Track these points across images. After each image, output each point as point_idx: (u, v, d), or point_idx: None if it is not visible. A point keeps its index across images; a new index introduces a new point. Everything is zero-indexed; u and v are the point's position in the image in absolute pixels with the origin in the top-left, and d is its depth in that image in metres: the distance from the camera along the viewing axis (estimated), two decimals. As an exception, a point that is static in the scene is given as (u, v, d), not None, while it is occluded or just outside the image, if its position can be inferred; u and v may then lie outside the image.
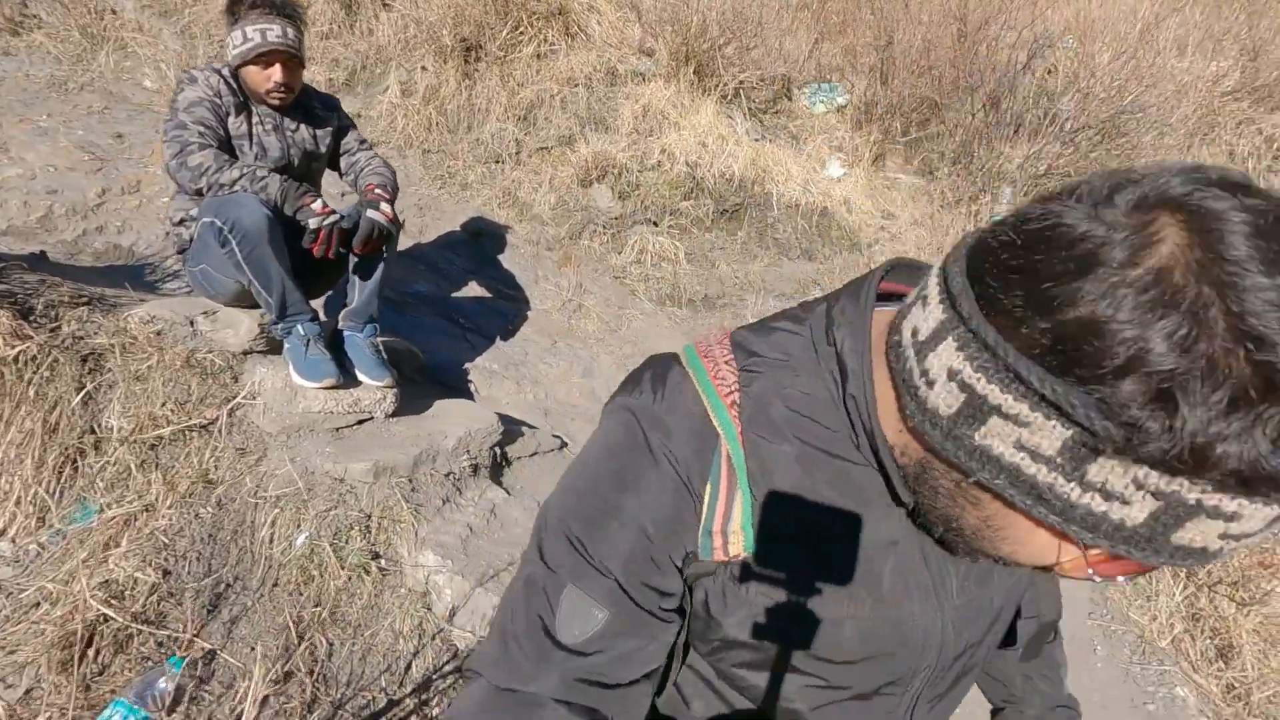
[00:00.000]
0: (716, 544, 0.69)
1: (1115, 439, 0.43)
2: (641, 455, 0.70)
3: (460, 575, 2.57)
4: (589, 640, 0.68)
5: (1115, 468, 0.44)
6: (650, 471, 0.70)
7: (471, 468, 3.09)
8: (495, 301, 4.69)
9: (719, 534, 0.69)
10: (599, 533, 0.70)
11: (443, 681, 2.45)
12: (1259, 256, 0.39)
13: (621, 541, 0.69)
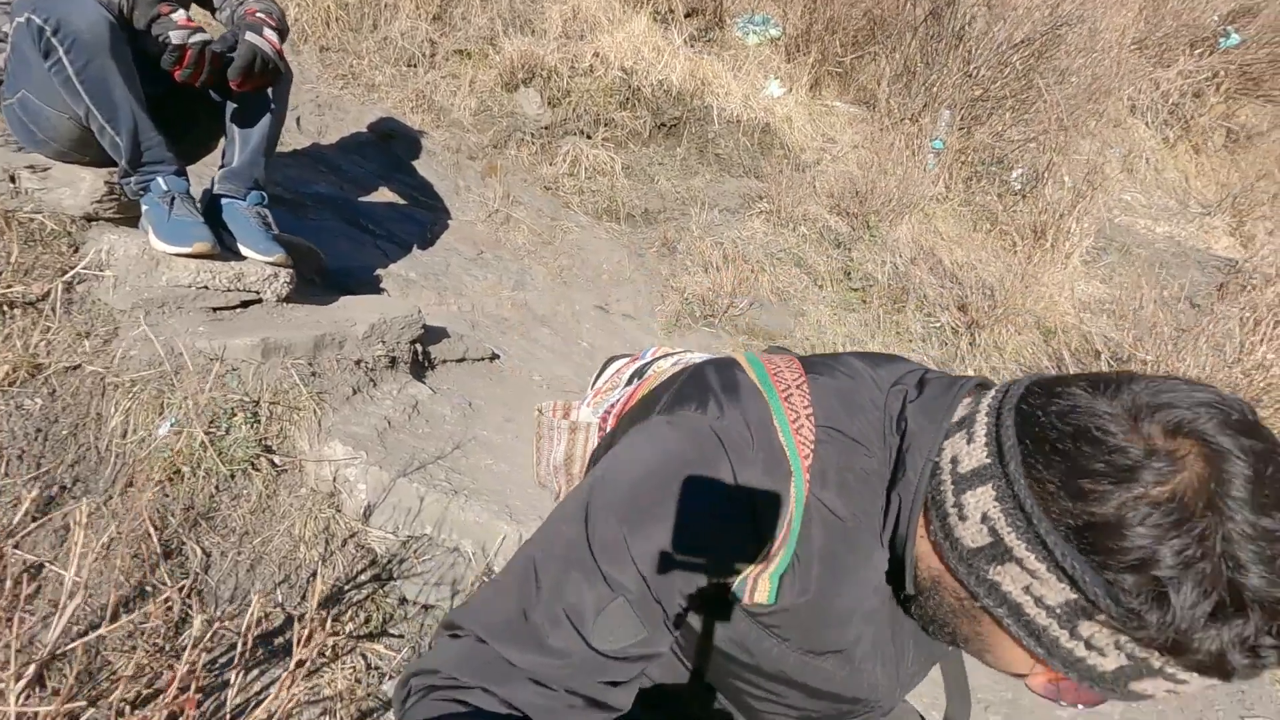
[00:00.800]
0: (749, 587, 0.72)
1: (1113, 615, 0.52)
2: (709, 470, 0.69)
3: (378, 467, 2.10)
4: (622, 649, 0.67)
5: (1103, 631, 0.54)
6: (727, 502, 0.69)
7: (388, 359, 2.59)
8: (410, 209, 4.14)
9: (752, 579, 0.71)
10: (661, 555, 0.67)
11: (358, 593, 1.98)
12: (1250, 499, 0.49)
13: (681, 573, 0.68)
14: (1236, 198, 7.41)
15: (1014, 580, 0.57)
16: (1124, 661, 0.54)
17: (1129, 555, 0.50)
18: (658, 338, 4.03)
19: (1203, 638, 0.49)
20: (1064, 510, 0.53)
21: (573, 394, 3.45)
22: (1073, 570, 0.53)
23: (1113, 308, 4.80)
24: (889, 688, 0.80)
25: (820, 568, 0.70)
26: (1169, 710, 2.18)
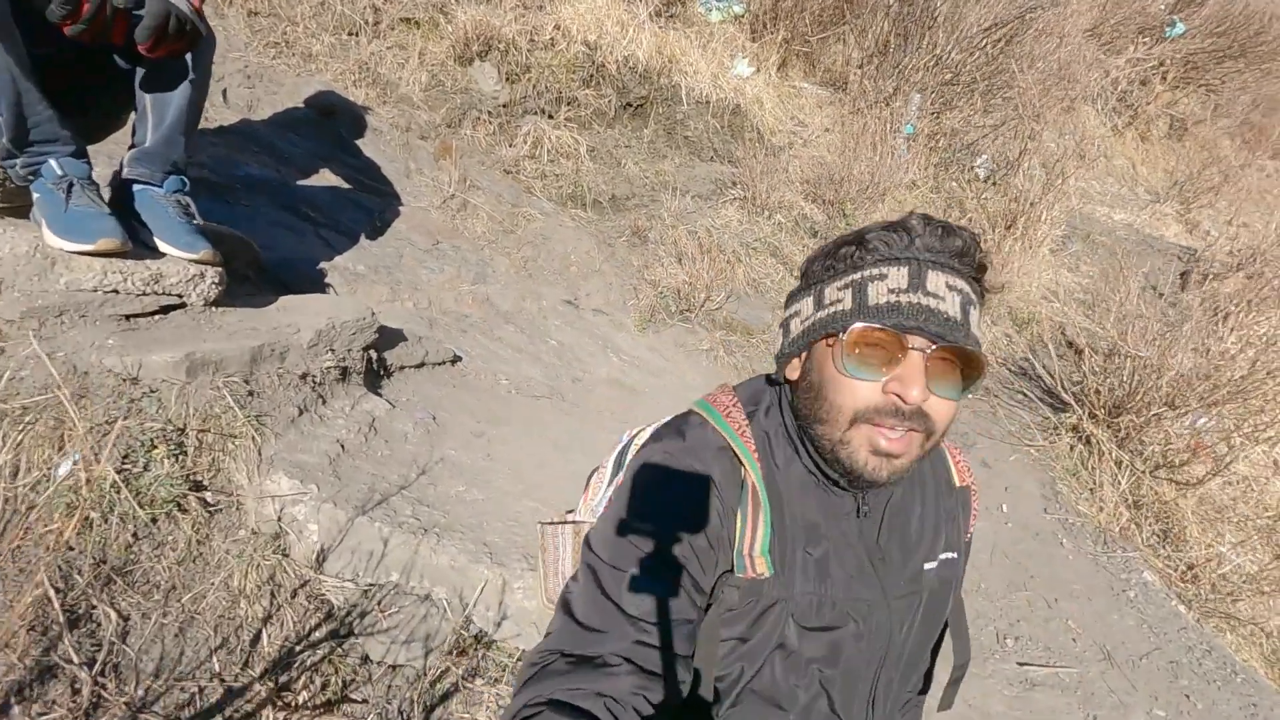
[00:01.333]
0: (747, 564, 0.91)
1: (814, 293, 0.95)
2: (683, 476, 0.92)
3: (331, 503, 1.80)
4: (649, 611, 0.84)
5: (825, 292, 0.92)
6: (692, 488, 0.91)
7: (339, 371, 2.27)
8: (356, 194, 3.75)
9: (747, 555, 0.91)
10: (654, 533, 0.88)
11: (312, 654, 1.69)
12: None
13: (672, 543, 0.88)
14: (1182, 186, 7.59)
15: (794, 323, 0.97)
16: (849, 295, 0.88)
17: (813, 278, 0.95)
18: (631, 334, 3.78)
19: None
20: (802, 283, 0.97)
21: (543, 397, 3.19)
22: (808, 293, 0.95)
23: (1082, 296, 4.79)
24: (880, 607, 0.95)
25: (801, 524, 0.93)
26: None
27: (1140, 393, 3.25)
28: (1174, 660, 2.39)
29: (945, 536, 1.02)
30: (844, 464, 0.88)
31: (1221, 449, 3.37)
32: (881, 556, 0.96)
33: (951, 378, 0.84)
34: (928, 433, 0.85)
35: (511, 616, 1.75)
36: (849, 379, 0.86)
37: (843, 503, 0.95)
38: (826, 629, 0.92)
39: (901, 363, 0.83)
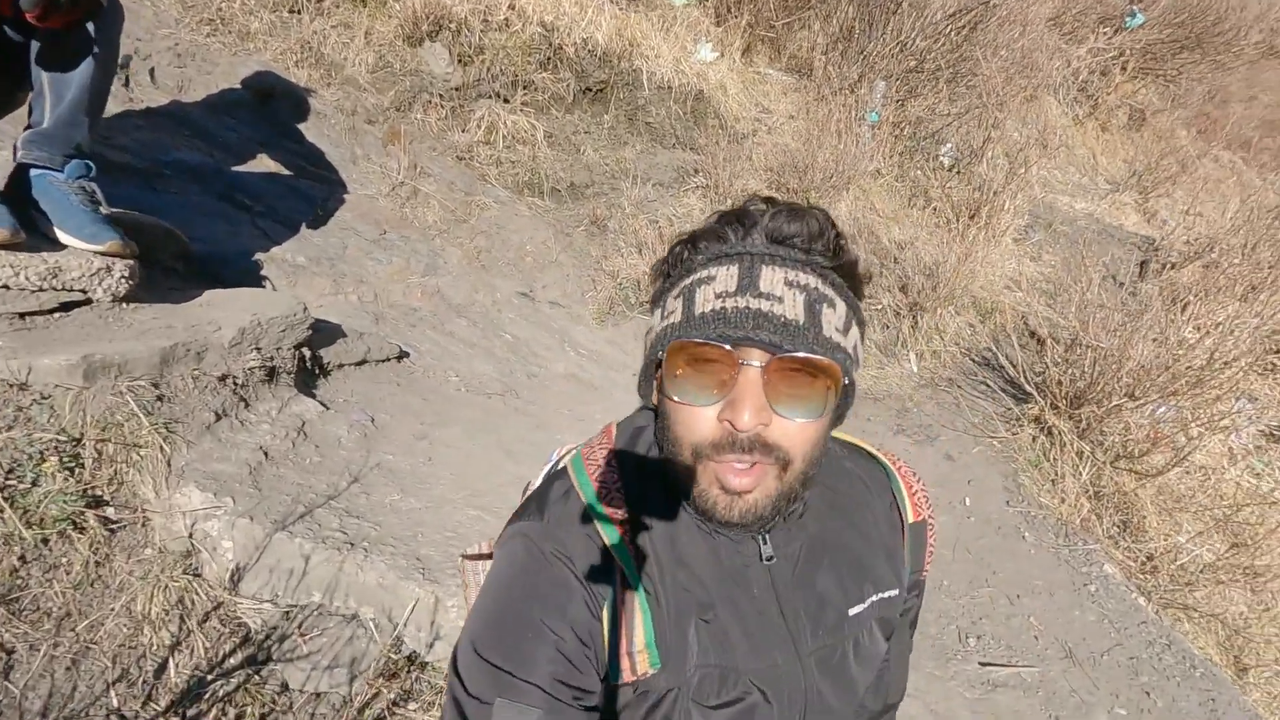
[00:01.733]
0: (624, 666, 0.76)
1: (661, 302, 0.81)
2: (541, 568, 0.77)
3: (249, 518, 1.65)
4: None
5: (665, 301, 0.79)
6: (554, 584, 0.76)
7: (265, 371, 2.11)
8: (297, 181, 3.55)
9: (625, 656, 0.76)
10: (516, 650, 0.73)
11: (225, 684, 1.55)
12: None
13: (539, 651, 0.73)
14: (1140, 176, 7.69)
15: (653, 325, 0.81)
16: (680, 305, 0.75)
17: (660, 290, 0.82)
18: (589, 327, 3.66)
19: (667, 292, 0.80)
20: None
21: (496, 394, 3.05)
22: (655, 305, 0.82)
23: (1044, 286, 4.79)
24: (792, 667, 0.81)
25: (688, 601, 0.78)
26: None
27: (1101, 383, 3.24)
28: (1134, 656, 2.37)
29: (883, 574, 0.88)
30: (698, 504, 0.76)
31: (1180, 439, 3.38)
32: (795, 607, 0.82)
33: (802, 394, 0.71)
34: (782, 463, 0.72)
35: (445, 636, 1.63)
36: (680, 405, 0.73)
37: (742, 550, 0.81)
38: (731, 703, 0.79)
39: (735, 382, 0.70)
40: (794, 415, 0.71)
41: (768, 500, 0.73)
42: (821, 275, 0.73)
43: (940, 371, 4.05)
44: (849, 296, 0.76)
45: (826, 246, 0.73)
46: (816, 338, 0.70)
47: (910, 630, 0.99)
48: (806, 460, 0.74)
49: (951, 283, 4.22)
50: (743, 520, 0.74)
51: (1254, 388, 3.98)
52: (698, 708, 0.78)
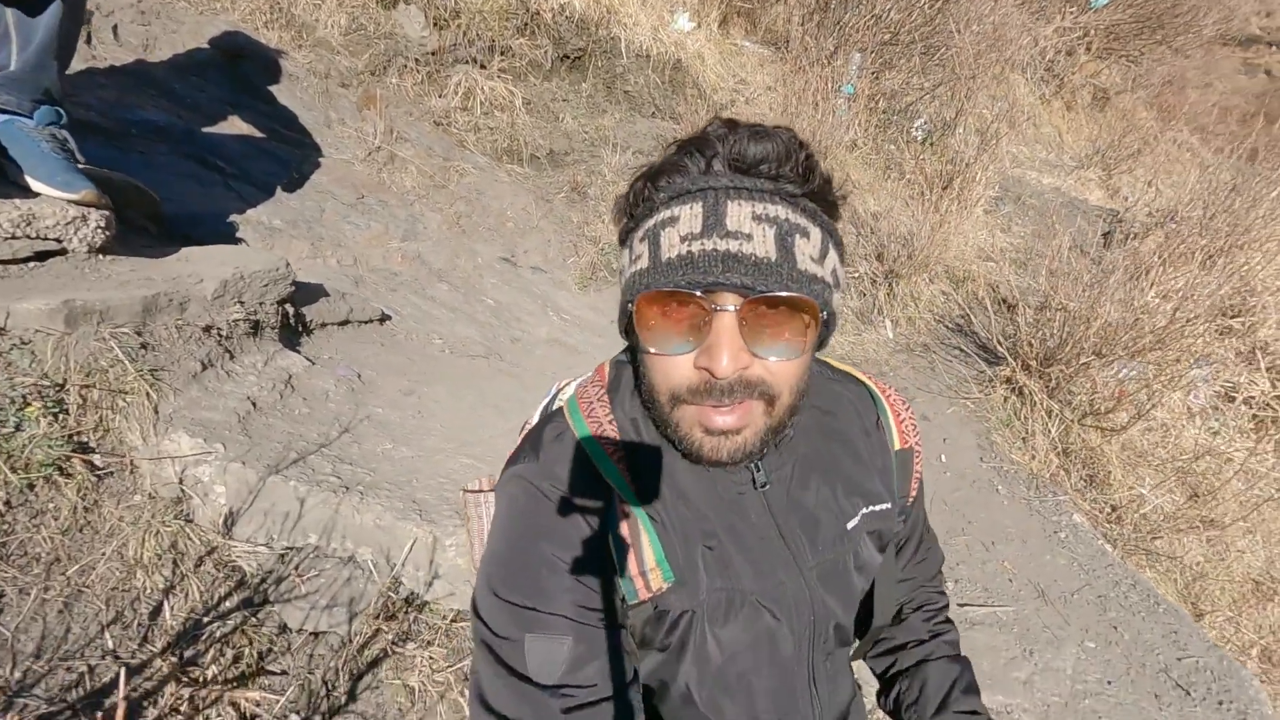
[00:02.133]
0: (639, 585, 0.78)
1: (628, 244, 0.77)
2: (543, 505, 0.78)
3: (241, 463, 1.64)
4: (567, 671, 0.72)
5: (633, 243, 0.75)
6: (557, 516, 0.77)
7: (249, 324, 2.08)
8: (270, 144, 3.47)
9: (638, 576, 0.77)
10: (534, 587, 0.74)
11: (221, 626, 1.54)
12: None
13: (556, 583, 0.74)
14: (1104, 153, 7.89)
15: (624, 268, 0.77)
16: (648, 239, 0.71)
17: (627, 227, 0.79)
18: (572, 292, 3.66)
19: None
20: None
21: (480, 357, 3.04)
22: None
23: (1014, 256, 4.91)
24: (796, 584, 0.83)
25: (692, 524, 0.79)
26: (1114, 658, 2.19)
27: (1070, 343, 3.35)
28: (1102, 595, 2.48)
29: (874, 488, 0.89)
30: (681, 447, 0.75)
31: (1142, 397, 3.52)
32: (792, 527, 0.83)
33: (781, 333, 0.68)
34: (767, 398, 0.71)
35: (444, 575, 1.64)
36: (655, 356, 0.72)
37: (735, 479, 0.81)
38: (742, 623, 0.81)
39: (710, 328, 0.67)
40: (773, 355, 0.69)
41: (757, 437, 0.73)
42: (792, 203, 0.69)
43: (915, 337, 4.14)
44: (823, 220, 0.72)
45: (795, 170, 0.69)
46: (791, 273, 0.67)
47: (923, 538, 1.03)
48: (793, 393, 0.74)
49: (926, 252, 4.31)
50: (732, 459, 0.73)
51: (1211, 350, 4.15)
52: (711, 629, 0.80)
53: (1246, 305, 4.37)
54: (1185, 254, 4.56)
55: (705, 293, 0.66)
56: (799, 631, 0.84)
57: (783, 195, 0.69)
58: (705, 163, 0.69)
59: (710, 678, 0.82)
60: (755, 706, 0.84)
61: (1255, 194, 4.92)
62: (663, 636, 0.81)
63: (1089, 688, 2.08)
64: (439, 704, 1.59)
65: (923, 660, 0.98)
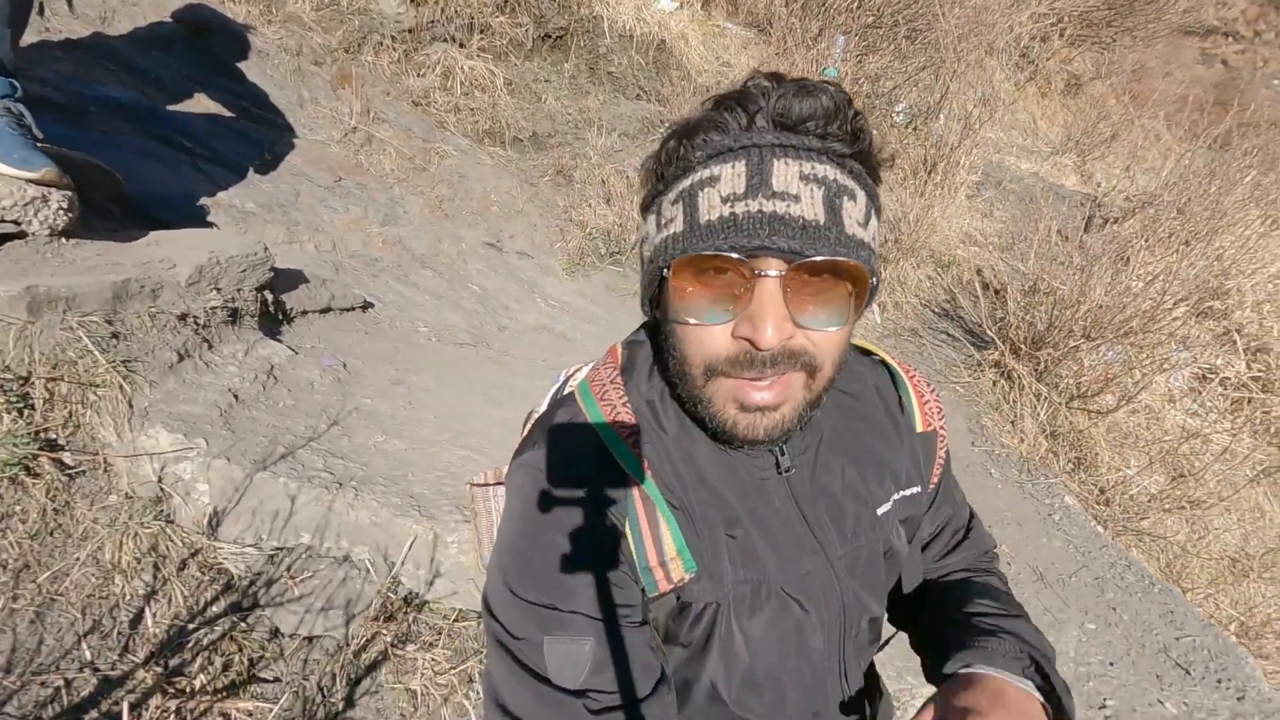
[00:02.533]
0: (659, 577, 0.72)
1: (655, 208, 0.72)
2: (556, 496, 0.72)
3: (225, 459, 1.54)
4: (590, 674, 0.67)
5: (663, 207, 0.69)
6: (571, 507, 0.71)
7: (227, 313, 1.97)
8: (241, 124, 3.31)
9: (658, 567, 0.72)
10: (552, 583, 0.69)
11: (208, 632, 1.45)
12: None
13: (574, 579, 0.69)
14: (1078, 140, 7.98)
15: (649, 235, 0.72)
16: (683, 201, 0.66)
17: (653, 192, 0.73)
18: (559, 278, 3.57)
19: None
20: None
21: (467, 344, 2.95)
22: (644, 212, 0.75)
23: (998, 241, 4.93)
24: (824, 573, 0.78)
25: (712, 510, 0.74)
26: (1114, 639, 2.20)
27: (1059, 326, 3.36)
28: (1099, 576, 2.49)
29: (904, 471, 0.84)
30: (712, 425, 0.70)
31: (1128, 380, 3.55)
32: (818, 514, 0.78)
33: (826, 301, 0.64)
34: (809, 369, 0.67)
35: (446, 574, 1.56)
36: (690, 325, 0.66)
37: (757, 463, 0.77)
38: (769, 614, 0.76)
39: (751, 295, 0.62)
40: (819, 325, 0.64)
41: (795, 413, 0.68)
42: (839, 163, 0.64)
43: (903, 322, 4.14)
44: (868, 184, 0.68)
45: (844, 128, 0.64)
46: (840, 237, 0.62)
47: (968, 523, 0.97)
48: (835, 365, 0.69)
49: (912, 236, 4.30)
50: (769, 437, 0.68)
51: (1192, 332, 4.21)
52: (738, 622, 0.75)
53: (1223, 288, 4.44)
54: (1163, 239, 4.63)
55: (748, 258, 0.61)
56: (829, 623, 0.79)
57: (830, 155, 0.64)
58: (748, 119, 0.63)
59: (738, 673, 0.77)
60: (785, 703, 0.79)
61: (1230, 179, 5.01)
62: (686, 631, 0.75)
63: (1092, 670, 2.09)
64: (442, 708, 1.52)
65: (951, 575, 0.94)
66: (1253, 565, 3.57)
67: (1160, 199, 5.22)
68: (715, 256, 0.62)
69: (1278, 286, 4.69)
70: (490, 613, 0.71)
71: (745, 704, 0.78)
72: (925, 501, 0.87)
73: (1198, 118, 9.80)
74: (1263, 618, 3.42)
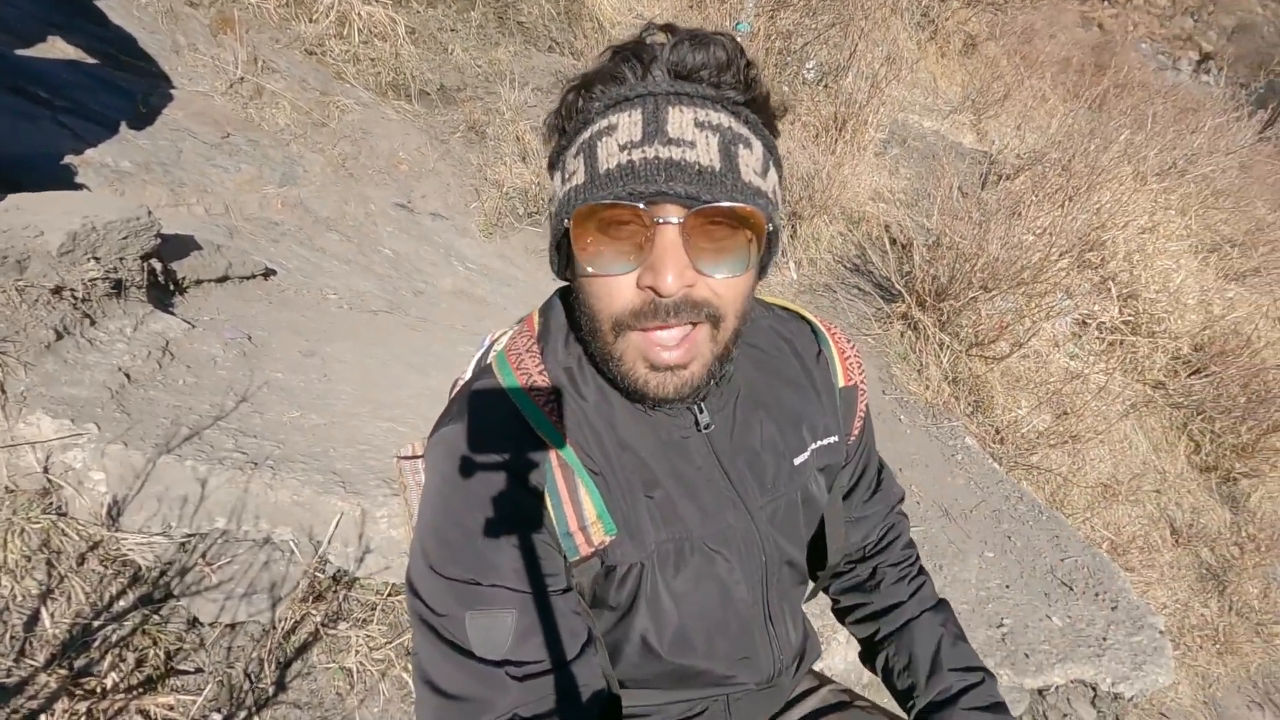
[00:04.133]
0: (579, 541, 0.73)
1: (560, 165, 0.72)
2: (473, 469, 0.72)
3: (121, 444, 1.42)
4: (514, 644, 0.68)
5: (566, 161, 0.69)
6: (489, 479, 0.72)
7: (110, 285, 1.79)
8: (108, 72, 2.98)
9: (578, 532, 0.73)
10: (473, 558, 0.69)
11: (117, 628, 1.36)
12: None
13: (495, 553, 0.69)
14: (974, 99, 8.35)
15: (556, 191, 0.71)
16: (584, 153, 0.66)
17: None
18: (476, 239, 3.45)
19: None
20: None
21: (383, 311, 2.82)
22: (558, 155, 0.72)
23: (904, 198, 5.13)
24: (746, 525, 0.81)
25: (632, 472, 0.76)
26: (1009, 564, 2.42)
27: (960, 278, 3.57)
28: (996, 509, 2.72)
29: (821, 421, 0.87)
30: (624, 384, 0.71)
31: (1020, 328, 3.83)
32: (738, 468, 0.81)
33: (726, 248, 0.65)
34: (714, 320, 0.67)
35: (376, 549, 1.52)
36: (596, 278, 0.67)
37: (677, 422, 0.78)
38: (694, 569, 0.79)
39: (652, 244, 0.63)
40: (719, 271, 0.65)
41: (704, 369, 0.70)
42: (734, 112, 0.66)
43: (817, 278, 4.27)
44: (764, 135, 0.69)
45: (737, 78, 0.65)
46: (736, 184, 0.63)
47: (879, 476, 1.01)
48: (739, 316, 0.70)
49: (825, 193, 4.41)
50: (679, 395, 0.70)
51: (1074, 282, 4.57)
52: (664, 580, 0.78)
53: (1100, 240, 4.82)
54: (1051, 194, 4.95)
55: (648, 205, 0.62)
56: (751, 573, 0.83)
57: (725, 103, 0.65)
58: (643, 69, 0.65)
59: (669, 629, 0.79)
60: (715, 651, 0.83)
61: (1106, 138, 5.40)
62: (614, 593, 0.77)
63: (991, 593, 2.29)
64: (380, 682, 1.50)
65: (906, 623, 0.96)
66: (1121, 490, 3.99)
67: (1047, 156, 5.57)
68: (614, 206, 0.62)
69: (1146, 239, 5.14)
70: (413, 592, 0.71)
71: (677, 653, 0.81)
72: (844, 451, 0.91)
73: (1079, 79, 10.45)
74: (1129, 535, 3.84)
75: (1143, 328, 4.78)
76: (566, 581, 0.73)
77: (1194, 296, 5.23)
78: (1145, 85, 10.77)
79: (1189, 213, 5.87)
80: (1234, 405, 4.79)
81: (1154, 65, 17.66)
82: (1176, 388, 4.74)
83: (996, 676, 0.95)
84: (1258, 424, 4.75)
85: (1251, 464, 4.90)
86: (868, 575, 1.00)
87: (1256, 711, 3.63)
